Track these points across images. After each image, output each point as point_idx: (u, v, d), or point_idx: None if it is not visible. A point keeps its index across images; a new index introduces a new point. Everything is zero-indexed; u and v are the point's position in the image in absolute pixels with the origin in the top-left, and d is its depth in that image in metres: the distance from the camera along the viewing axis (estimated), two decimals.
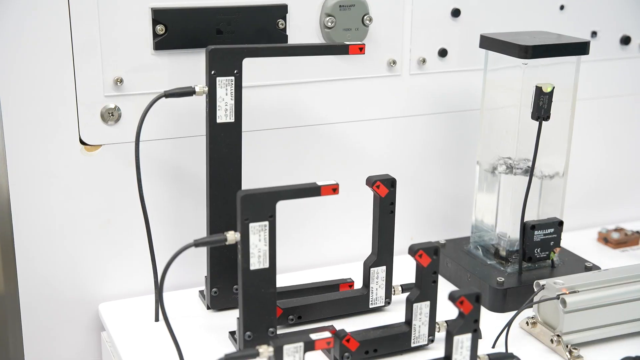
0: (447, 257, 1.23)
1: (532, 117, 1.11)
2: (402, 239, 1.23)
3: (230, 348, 1.02)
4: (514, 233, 1.19)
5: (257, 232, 0.95)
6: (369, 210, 1.20)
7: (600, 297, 1.02)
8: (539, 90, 1.10)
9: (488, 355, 0.96)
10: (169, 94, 1.04)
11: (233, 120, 1.05)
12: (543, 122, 1.11)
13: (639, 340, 1.05)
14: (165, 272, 0.93)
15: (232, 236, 0.95)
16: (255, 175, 1.17)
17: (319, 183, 0.97)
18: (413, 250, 0.96)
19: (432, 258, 0.97)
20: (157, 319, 1.08)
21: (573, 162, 1.32)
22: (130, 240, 1.15)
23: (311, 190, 0.97)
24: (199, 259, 1.16)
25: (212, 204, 1.07)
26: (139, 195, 1.04)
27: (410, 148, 1.30)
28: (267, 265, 0.97)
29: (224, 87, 1.03)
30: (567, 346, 1.01)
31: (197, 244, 0.94)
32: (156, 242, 1.09)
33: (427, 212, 1.35)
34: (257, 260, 0.96)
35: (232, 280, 1.09)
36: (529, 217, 1.18)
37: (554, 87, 1.10)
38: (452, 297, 0.91)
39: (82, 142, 1.09)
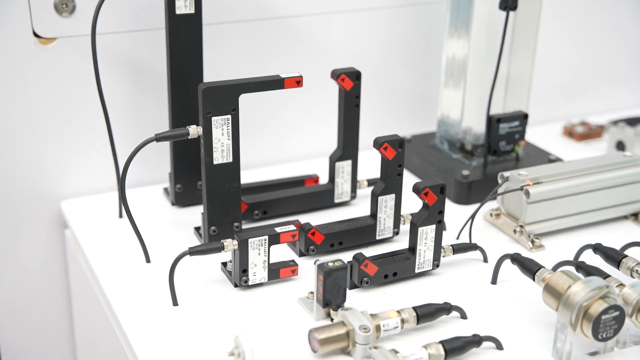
0: (413, 152, 1.23)
1: (500, 7, 1.09)
2: (368, 135, 1.22)
3: (196, 243, 1.01)
4: (480, 127, 1.18)
5: (220, 126, 0.93)
6: (334, 104, 1.19)
7: (562, 188, 1.03)
8: None
9: (452, 245, 0.97)
10: None
11: (193, 12, 1.01)
12: (510, 12, 1.09)
13: (598, 229, 1.07)
14: (127, 167, 0.91)
15: (194, 130, 0.93)
16: (217, 70, 1.14)
17: (283, 75, 0.96)
18: (378, 143, 0.95)
19: (397, 151, 0.96)
20: (121, 215, 1.07)
21: (539, 56, 1.31)
22: (91, 137, 1.12)
23: (274, 83, 0.95)
24: (163, 155, 1.14)
25: (174, 99, 1.04)
26: (97, 91, 1.00)
27: (376, 41, 1.28)
28: (230, 159, 0.96)
29: None
30: (529, 236, 1.02)
31: (159, 138, 0.92)
32: (117, 138, 1.07)
33: (393, 107, 1.33)
34: (221, 154, 0.95)
35: (196, 176, 1.08)
36: (495, 111, 1.18)
37: None
38: (417, 189, 0.91)
39: (35, 35, 1.05)
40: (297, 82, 0.96)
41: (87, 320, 1.11)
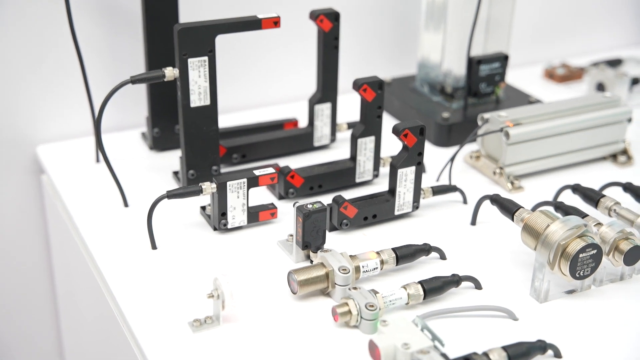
0: (393, 95, 1.22)
1: None
2: (348, 79, 1.21)
3: (174, 187, 1.00)
4: (460, 69, 1.17)
5: (197, 68, 0.92)
6: (313, 46, 1.17)
7: (542, 129, 1.02)
8: None
9: (432, 187, 0.96)
10: None
11: None
12: None
13: (577, 170, 1.07)
14: (102, 110, 0.90)
15: (170, 72, 0.91)
16: (193, 10, 1.12)
17: (260, 16, 0.94)
18: (357, 85, 0.94)
19: (376, 92, 0.95)
20: (98, 160, 1.06)
21: None
22: (65, 80, 1.10)
23: (251, 24, 0.94)
24: (140, 99, 1.13)
25: (149, 40, 1.02)
26: (70, 32, 0.98)
27: None
28: (208, 102, 0.94)
29: None
30: (509, 177, 1.02)
31: (134, 80, 0.90)
32: (92, 82, 1.05)
33: (372, 51, 1.32)
34: (198, 97, 0.93)
35: (174, 119, 1.07)
36: (475, 54, 1.17)
37: None
38: (396, 130, 0.90)
39: None
40: (275, 22, 0.94)
41: (66, 266, 1.10)
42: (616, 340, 0.76)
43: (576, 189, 0.95)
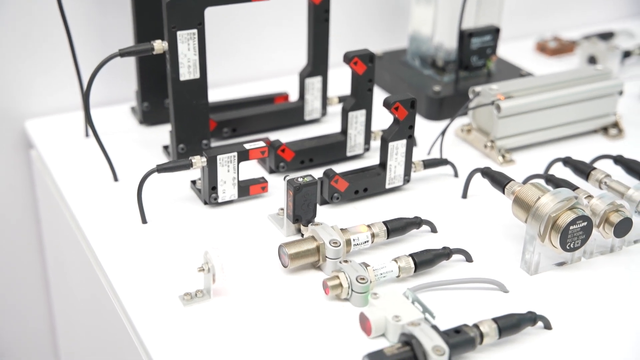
0: (384, 69, 1.21)
1: None
2: (338, 53, 1.20)
3: (164, 161, 1.00)
4: (451, 43, 1.17)
5: (186, 41, 0.91)
6: (303, 19, 1.16)
7: (533, 102, 1.02)
8: None
9: (423, 160, 0.96)
10: None
11: None
12: None
13: (568, 143, 1.07)
14: (91, 84, 0.89)
15: (159, 45, 0.91)
16: None
17: None
18: (348, 58, 0.94)
19: (367, 65, 0.94)
20: (87, 135, 1.05)
21: None
22: (53, 54, 1.09)
23: None
24: (129, 73, 1.12)
25: (137, 13, 1.01)
26: (57, 5, 0.97)
27: None
28: (197, 75, 0.93)
29: None
30: (500, 151, 1.02)
31: (123, 53, 0.90)
32: (80, 55, 1.04)
33: (363, 24, 1.31)
34: (187, 70, 0.93)
35: (164, 93, 1.06)
36: (466, 27, 1.16)
37: None
38: (387, 103, 0.90)
39: None
40: None
41: (56, 241, 1.10)
42: (605, 312, 0.77)
43: (567, 161, 0.95)
